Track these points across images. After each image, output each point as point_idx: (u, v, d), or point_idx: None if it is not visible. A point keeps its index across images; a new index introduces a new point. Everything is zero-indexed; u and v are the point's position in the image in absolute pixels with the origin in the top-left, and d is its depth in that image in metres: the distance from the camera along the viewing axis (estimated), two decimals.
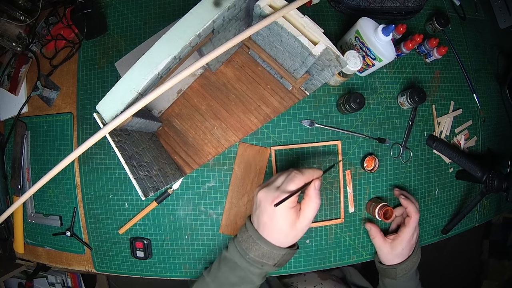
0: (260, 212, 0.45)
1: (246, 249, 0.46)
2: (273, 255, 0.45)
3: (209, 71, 0.64)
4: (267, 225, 0.45)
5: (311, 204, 0.44)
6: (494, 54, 0.79)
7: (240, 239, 0.48)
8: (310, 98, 0.65)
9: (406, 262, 0.59)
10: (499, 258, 1.53)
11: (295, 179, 0.44)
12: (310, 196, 0.45)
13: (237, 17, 0.49)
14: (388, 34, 0.54)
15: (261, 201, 0.45)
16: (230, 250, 0.49)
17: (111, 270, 0.67)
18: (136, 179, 0.43)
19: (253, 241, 0.46)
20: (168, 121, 0.63)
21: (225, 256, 0.49)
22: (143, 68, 0.40)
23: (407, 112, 0.68)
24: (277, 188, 0.44)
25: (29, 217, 0.69)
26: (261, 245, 0.45)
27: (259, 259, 0.46)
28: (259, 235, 0.45)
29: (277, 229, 0.44)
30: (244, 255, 0.46)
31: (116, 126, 0.39)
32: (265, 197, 0.44)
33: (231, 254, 0.48)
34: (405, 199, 0.61)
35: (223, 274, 0.49)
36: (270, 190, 0.45)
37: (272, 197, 0.43)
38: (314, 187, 0.45)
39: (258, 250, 0.45)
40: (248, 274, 0.47)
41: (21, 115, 0.69)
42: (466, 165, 0.65)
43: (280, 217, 0.43)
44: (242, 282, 0.48)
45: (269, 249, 0.45)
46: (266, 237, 0.45)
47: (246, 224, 0.48)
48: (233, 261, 0.48)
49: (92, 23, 0.65)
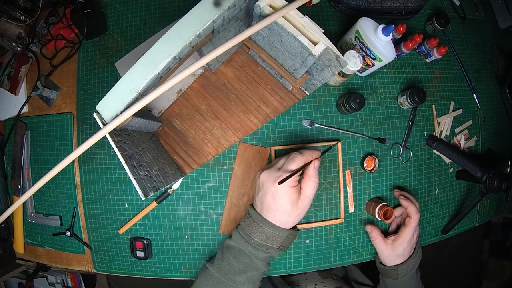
0: (263, 193, 0.46)
1: (250, 234, 0.47)
2: (277, 237, 0.46)
3: (209, 71, 0.64)
4: (270, 205, 0.46)
5: (310, 182, 0.46)
6: (494, 54, 0.79)
7: (243, 225, 0.48)
8: (310, 98, 0.65)
9: (407, 262, 0.59)
10: (499, 258, 1.53)
11: (295, 159, 0.46)
12: (310, 175, 0.47)
13: (237, 17, 0.49)
14: (388, 34, 0.54)
15: (263, 182, 0.46)
16: (234, 237, 0.49)
17: (111, 270, 0.67)
18: (136, 179, 0.43)
19: (256, 225, 0.46)
20: (168, 121, 0.63)
21: (228, 245, 0.50)
22: (143, 68, 0.40)
23: (407, 112, 0.68)
24: (279, 169, 0.46)
25: (29, 217, 0.69)
26: (264, 227, 0.46)
27: (263, 242, 0.46)
28: (262, 218, 0.46)
29: (280, 208, 0.45)
30: (248, 239, 0.47)
31: (116, 126, 0.39)
32: (268, 178, 0.46)
33: (235, 241, 0.49)
34: (405, 200, 0.61)
35: (228, 263, 0.49)
36: (272, 171, 0.46)
37: (274, 177, 0.45)
38: (313, 167, 0.47)
39: (262, 232, 0.46)
40: (253, 259, 0.48)
41: (21, 115, 0.69)
42: (466, 165, 0.65)
43: (282, 196, 0.45)
44: (247, 268, 0.48)
45: (272, 231, 0.46)
46: (269, 219, 0.46)
47: (248, 210, 0.49)
48: (237, 248, 0.48)
49: (92, 23, 0.65)
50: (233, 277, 0.48)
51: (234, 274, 0.48)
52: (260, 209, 0.47)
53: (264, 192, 0.46)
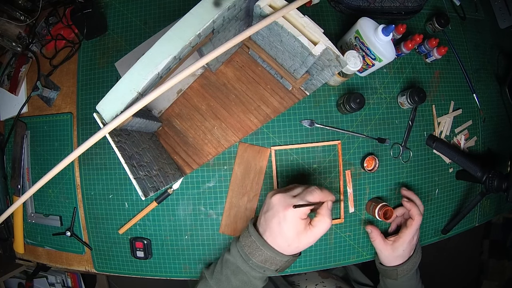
0: (271, 215, 0.46)
1: (249, 254, 0.46)
2: (276, 261, 0.46)
3: (209, 71, 0.64)
4: (274, 229, 0.45)
5: (323, 222, 0.45)
6: (494, 54, 0.79)
7: (243, 243, 0.48)
8: (310, 98, 0.65)
9: (407, 263, 0.59)
10: (499, 258, 1.53)
11: (314, 193, 0.46)
12: (323, 215, 0.46)
13: (237, 17, 0.49)
14: (388, 34, 0.54)
15: (275, 205, 0.46)
16: (233, 253, 0.49)
17: (111, 270, 0.67)
18: (136, 179, 0.43)
19: (257, 247, 0.46)
20: (168, 121, 0.63)
21: (227, 259, 0.50)
22: (143, 68, 0.40)
23: (407, 112, 0.68)
24: (294, 197, 0.46)
25: (29, 217, 0.69)
26: (264, 250, 0.46)
27: (262, 264, 0.46)
28: (263, 241, 0.46)
29: (283, 235, 0.45)
30: (247, 260, 0.47)
31: (116, 126, 0.39)
32: (280, 201, 0.45)
33: (233, 258, 0.48)
34: (408, 202, 0.61)
35: (226, 278, 0.49)
36: (286, 196, 0.46)
37: (287, 203, 0.45)
38: (327, 207, 0.46)
39: (261, 255, 0.46)
40: (250, 278, 0.48)
41: (21, 115, 0.69)
42: (466, 165, 0.65)
43: (289, 223, 0.44)
44: (244, 286, 0.48)
45: (272, 255, 0.46)
46: (270, 242, 0.46)
47: (249, 229, 0.48)
48: (235, 265, 0.48)
49: (92, 23, 0.65)
50: None
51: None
52: (263, 230, 0.47)
53: (272, 214, 0.46)
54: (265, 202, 0.49)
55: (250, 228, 0.48)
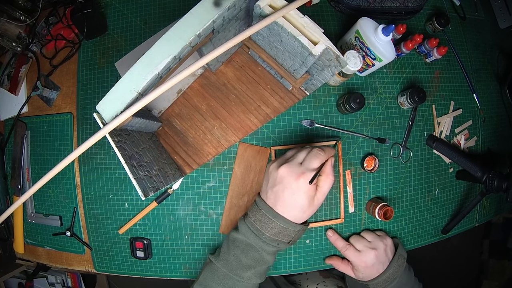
0: (280, 188, 0.45)
1: (261, 228, 0.46)
2: (289, 232, 0.46)
3: (209, 71, 0.64)
4: (287, 201, 0.45)
5: (327, 180, 0.46)
6: (494, 54, 0.79)
7: (253, 218, 0.47)
8: (310, 98, 0.65)
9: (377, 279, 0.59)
10: (499, 258, 1.53)
11: (319, 156, 0.46)
12: (327, 173, 0.46)
13: (237, 17, 0.49)
14: (388, 34, 0.54)
15: (283, 177, 0.45)
16: (242, 231, 0.48)
17: (111, 270, 0.67)
18: (136, 179, 0.43)
19: (269, 219, 0.45)
20: (168, 121, 0.63)
21: (235, 238, 0.48)
22: (143, 68, 0.40)
23: (407, 112, 0.68)
24: (300, 164, 0.45)
25: (29, 217, 0.69)
26: (277, 222, 0.45)
27: (275, 237, 0.46)
28: (275, 213, 0.45)
29: (298, 205, 0.45)
30: (259, 234, 0.46)
31: (116, 126, 0.39)
32: (289, 173, 0.45)
33: (244, 235, 0.47)
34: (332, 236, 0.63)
35: (235, 258, 0.48)
36: (293, 166, 0.45)
37: (296, 173, 0.44)
38: (330, 164, 0.47)
39: (274, 228, 0.45)
40: (262, 254, 0.47)
41: (21, 115, 0.69)
42: (466, 165, 0.65)
43: (303, 193, 0.44)
44: (256, 263, 0.47)
45: (285, 226, 0.45)
46: (284, 214, 0.45)
47: (257, 203, 0.48)
48: (245, 242, 0.47)
49: (92, 23, 0.65)
50: (241, 272, 0.47)
51: (242, 270, 0.47)
52: (273, 203, 0.46)
53: (282, 187, 0.45)
54: (267, 175, 0.48)
55: (259, 202, 0.48)
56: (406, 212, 0.68)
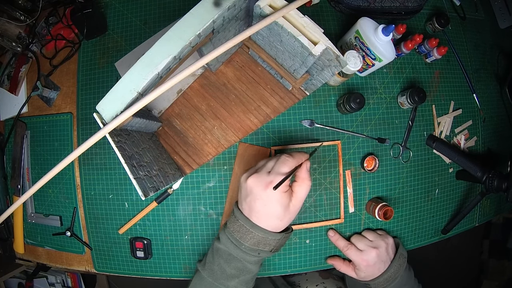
0: (252, 199, 0.44)
1: (240, 239, 0.45)
2: (269, 241, 0.45)
3: (209, 71, 0.64)
4: (261, 212, 0.44)
5: (303, 185, 0.45)
6: (494, 54, 0.79)
7: (232, 229, 0.46)
8: (310, 98, 0.65)
9: (378, 278, 0.59)
10: (499, 258, 1.53)
11: (287, 162, 0.44)
12: (303, 178, 0.45)
13: (237, 17, 0.49)
14: (388, 34, 0.54)
15: (252, 188, 0.43)
16: (223, 241, 0.47)
17: (111, 270, 0.67)
18: (136, 179, 0.43)
19: (247, 230, 0.44)
20: (168, 121, 0.63)
21: (218, 248, 0.48)
22: (143, 68, 0.40)
23: (407, 112, 0.68)
24: (268, 173, 0.44)
25: (29, 217, 0.69)
26: (255, 232, 0.44)
27: (255, 247, 0.45)
28: (252, 223, 0.44)
29: (272, 214, 0.44)
30: (239, 245, 0.45)
31: (116, 126, 0.39)
32: (257, 182, 0.43)
33: (225, 246, 0.47)
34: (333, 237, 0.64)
35: (219, 267, 0.48)
36: (261, 176, 0.44)
37: (265, 182, 0.43)
38: (305, 169, 0.45)
39: (253, 238, 0.44)
40: (245, 264, 0.46)
41: (21, 115, 0.69)
42: (466, 165, 0.65)
43: (275, 202, 0.43)
44: (239, 273, 0.47)
45: (264, 236, 0.44)
46: (260, 224, 0.44)
47: (234, 213, 0.47)
48: (227, 252, 0.47)
49: (92, 23, 0.65)
50: (226, 282, 0.47)
51: (227, 279, 0.47)
52: (248, 214, 0.45)
53: (253, 198, 0.44)
54: (240, 187, 0.47)
55: (236, 212, 0.47)
56: (406, 212, 0.68)
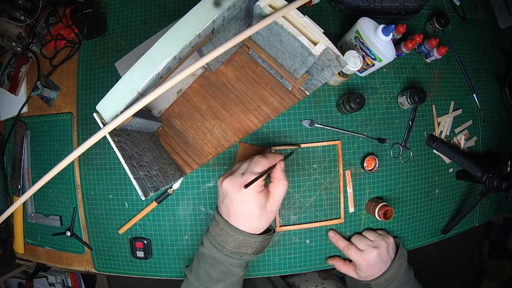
0: (228, 201, 0.44)
1: (222, 243, 0.45)
2: (250, 243, 0.45)
3: (209, 71, 0.64)
4: (238, 213, 0.44)
5: (279, 185, 0.45)
6: (494, 54, 0.79)
7: (213, 233, 0.46)
8: (310, 98, 0.65)
9: (379, 278, 0.59)
10: (499, 258, 1.53)
11: (259, 162, 0.44)
12: (278, 178, 0.45)
13: (237, 17, 0.49)
14: (388, 34, 0.54)
15: (227, 190, 0.44)
16: (206, 245, 0.48)
17: (111, 270, 0.67)
18: (136, 179, 0.43)
19: (227, 233, 0.45)
20: (168, 121, 0.63)
21: (202, 252, 0.48)
22: (143, 68, 0.40)
23: (407, 112, 0.68)
24: (242, 175, 0.44)
25: (29, 217, 0.69)
26: (236, 235, 0.44)
27: (237, 250, 0.45)
28: (232, 226, 0.45)
29: (249, 215, 0.44)
30: (221, 249, 0.46)
31: (116, 126, 0.39)
32: (231, 184, 0.44)
33: (208, 250, 0.47)
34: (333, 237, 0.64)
35: (205, 272, 0.48)
36: (235, 178, 0.44)
37: (238, 183, 0.43)
38: (280, 169, 0.45)
39: (234, 241, 0.45)
40: (229, 267, 0.47)
41: (21, 115, 0.69)
42: (466, 165, 0.65)
43: (250, 202, 0.43)
44: (225, 276, 0.47)
45: (245, 238, 0.44)
46: (239, 226, 0.44)
47: (215, 217, 0.47)
48: (211, 256, 0.47)
49: (92, 23, 0.65)
50: (212, 285, 0.48)
51: (213, 283, 0.47)
52: (227, 217, 0.45)
53: (229, 200, 0.44)
54: (218, 190, 0.47)
55: (216, 216, 0.47)
56: (406, 212, 0.68)
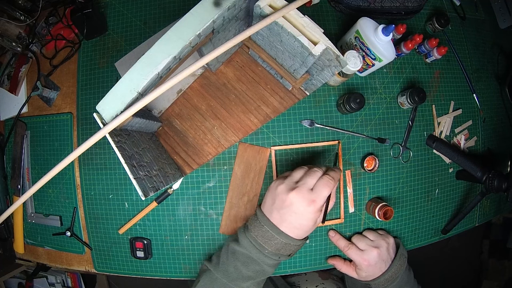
0: (288, 212, 0.46)
1: (263, 244, 0.47)
2: (290, 247, 0.48)
3: (209, 71, 0.64)
4: (293, 223, 0.46)
5: (330, 203, 0.50)
6: (494, 54, 0.79)
7: (255, 234, 0.48)
8: (310, 98, 0.65)
9: (379, 278, 0.59)
10: (499, 258, 1.53)
11: (330, 184, 0.47)
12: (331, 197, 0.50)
13: (237, 17, 0.49)
14: (388, 34, 0.54)
15: (293, 203, 0.46)
16: (244, 244, 0.49)
17: (111, 270, 0.67)
18: (136, 179, 0.43)
19: (272, 235, 0.47)
20: (168, 121, 0.63)
21: (236, 250, 0.49)
22: (143, 68, 0.40)
23: (407, 112, 0.68)
24: (310, 191, 0.46)
25: (29, 217, 0.69)
26: (280, 239, 0.47)
27: (277, 252, 0.47)
28: (279, 230, 0.47)
29: (303, 227, 0.47)
30: (262, 249, 0.47)
31: (116, 126, 0.39)
32: (300, 199, 0.46)
33: (245, 249, 0.49)
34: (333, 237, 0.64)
35: (236, 269, 0.49)
36: (303, 192, 0.46)
37: (308, 200, 0.45)
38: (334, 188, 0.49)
39: (277, 244, 0.47)
40: (263, 266, 0.48)
41: (21, 115, 0.69)
42: (466, 165, 0.65)
43: (309, 219, 0.46)
44: (257, 275, 0.49)
45: (288, 242, 0.47)
46: (288, 232, 0.47)
47: (259, 219, 0.48)
48: (247, 255, 0.48)
49: (92, 23, 0.65)
50: (241, 283, 0.49)
51: (242, 280, 0.49)
52: (278, 222, 0.47)
53: (290, 211, 0.46)
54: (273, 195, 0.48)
55: (261, 218, 0.48)
56: (406, 212, 0.68)
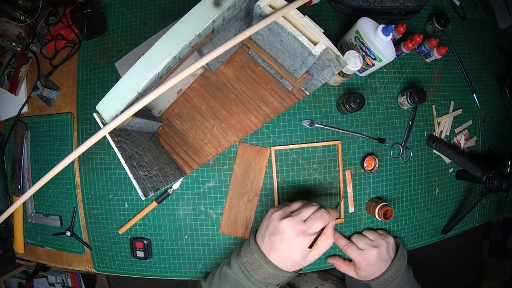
0: (279, 239, 0.46)
1: (251, 271, 0.47)
2: (279, 277, 0.47)
3: (209, 71, 0.64)
4: (282, 253, 0.46)
5: (327, 241, 0.47)
6: (494, 54, 0.79)
7: (245, 260, 0.48)
8: (310, 98, 0.65)
9: (379, 278, 0.59)
10: (499, 258, 1.53)
11: (324, 218, 0.46)
12: (328, 234, 0.47)
13: (237, 17, 0.49)
14: (388, 34, 0.54)
15: (284, 231, 0.45)
16: (234, 269, 0.49)
17: (111, 270, 0.67)
18: (136, 179, 0.43)
19: (260, 264, 0.46)
20: (168, 121, 0.63)
21: (227, 273, 0.49)
22: (143, 68, 0.40)
23: (407, 112, 0.68)
24: (304, 222, 0.46)
25: (29, 217, 0.69)
26: (268, 268, 0.46)
27: (264, 281, 0.47)
28: (267, 260, 0.46)
29: (291, 258, 0.46)
30: (249, 276, 0.47)
31: (116, 126, 0.39)
32: (291, 227, 0.45)
33: (234, 273, 0.48)
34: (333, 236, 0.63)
35: None
36: (296, 222, 0.46)
37: (299, 230, 0.45)
38: (331, 227, 0.48)
39: (265, 272, 0.46)
40: None
41: (21, 115, 0.69)
42: (466, 165, 0.65)
43: (298, 250, 0.45)
44: None
45: (276, 272, 0.46)
46: (276, 262, 0.46)
47: (251, 246, 0.48)
48: (235, 279, 0.48)
49: (92, 23, 0.65)
50: None
51: None
52: (268, 251, 0.47)
53: (280, 239, 0.46)
54: (268, 221, 0.48)
55: (252, 245, 0.48)
56: (406, 212, 0.68)
